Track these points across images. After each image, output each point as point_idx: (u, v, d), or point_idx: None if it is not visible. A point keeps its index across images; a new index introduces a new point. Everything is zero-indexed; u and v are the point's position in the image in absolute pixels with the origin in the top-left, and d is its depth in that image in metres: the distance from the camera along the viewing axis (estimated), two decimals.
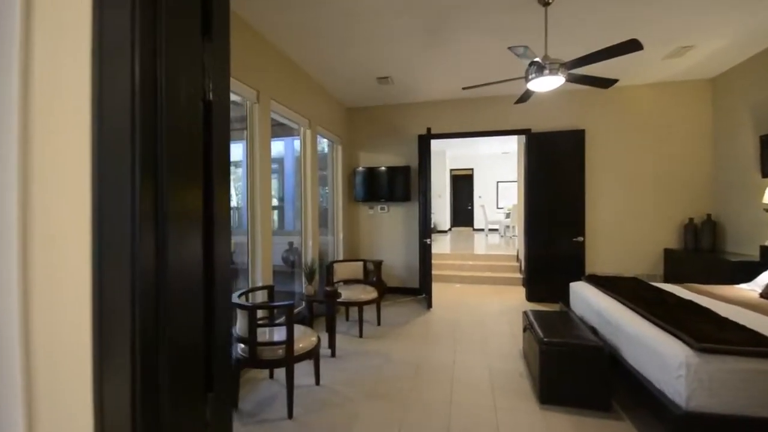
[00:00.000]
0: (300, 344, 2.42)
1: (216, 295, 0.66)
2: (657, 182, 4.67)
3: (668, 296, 2.76)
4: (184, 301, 0.59)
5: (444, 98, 5.23)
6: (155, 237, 0.54)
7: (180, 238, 0.58)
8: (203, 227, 0.63)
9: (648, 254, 4.71)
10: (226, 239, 0.68)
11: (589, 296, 3.04)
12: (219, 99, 0.63)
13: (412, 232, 5.45)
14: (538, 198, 4.83)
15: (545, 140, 4.81)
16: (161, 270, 0.54)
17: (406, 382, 2.76)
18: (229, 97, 0.67)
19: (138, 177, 0.51)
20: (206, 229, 0.64)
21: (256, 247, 3.30)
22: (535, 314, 2.97)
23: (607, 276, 3.57)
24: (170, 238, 0.56)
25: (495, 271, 6.26)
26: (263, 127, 3.34)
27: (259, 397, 2.57)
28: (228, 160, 0.68)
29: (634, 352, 2.26)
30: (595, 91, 4.73)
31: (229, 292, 0.73)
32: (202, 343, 0.64)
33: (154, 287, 0.54)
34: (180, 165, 0.57)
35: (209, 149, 0.62)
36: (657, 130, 4.66)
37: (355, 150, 5.68)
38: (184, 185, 0.58)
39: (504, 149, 10.83)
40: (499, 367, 2.98)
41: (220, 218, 0.66)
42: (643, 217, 4.71)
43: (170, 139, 0.55)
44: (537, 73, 2.60)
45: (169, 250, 0.55)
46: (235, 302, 2.37)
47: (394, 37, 3.36)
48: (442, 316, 4.36)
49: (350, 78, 4.41)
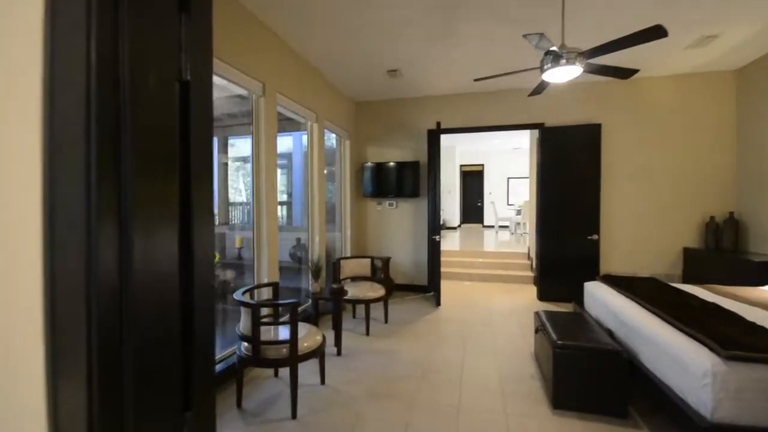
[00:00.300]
0: (305, 343, 2.36)
1: (196, 297, 0.59)
2: (676, 179, 4.49)
3: (690, 298, 2.63)
4: (154, 304, 0.52)
5: (454, 92, 5.10)
6: (118, 232, 0.47)
7: (149, 233, 0.51)
8: (180, 221, 0.56)
9: (666, 253, 4.54)
10: (208, 234, 0.61)
11: (605, 297, 2.92)
12: (198, 79, 0.56)
13: (420, 228, 5.36)
14: (551, 194, 4.68)
15: (559, 135, 4.66)
16: (125, 268, 0.47)
17: (413, 382, 2.68)
18: (211, 78, 0.59)
19: (94, 166, 0.43)
20: (184, 224, 0.56)
21: (262, 243, 3.25)
22: (547, 315, 2.86)
23: (624, 276, 3.43)
24: (137, 233, 0.48)
25: (505, 269, 6.13)
26: (269, 121, 3.28)
27: (263, 396, 2.52)
28: (210, 145, 0.61)
29: (654, 357, 2.15)
30: (612, 83, 4.56)
31: (212, 292, 0.66)
32: (179, 353, 0.56)
33: (117, 287, 0.47)
34: (149, 152, 0.50)
35: (186, 134, 0.54)
36: (677, 125, 4.47)
37: (363, 145, 5.59)
38: (154, 175, 0.51)
39: (515, 145, 10.62)
40: (510, 368, 2.89)
41: (201, 211, 0.58)
42: (661, 214, 4.54)
43: (136, 123, 0.47)
44: (553, 62, 2.47)
45: (135, 247, 0.48)
46: (238, 299, 2.32)
47: (404, 27, 3.25)
48: (450, 315, 4.28)
49: (359, 71, 4.32)
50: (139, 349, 0.50)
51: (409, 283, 5.41)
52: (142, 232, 0.50)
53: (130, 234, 0.47)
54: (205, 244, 0.61)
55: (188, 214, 0.56)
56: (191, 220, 0.57)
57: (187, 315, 0.58)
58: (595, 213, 4.56)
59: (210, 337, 0.65)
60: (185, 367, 0.58)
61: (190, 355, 0.59)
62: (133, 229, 0.48)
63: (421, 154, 5.30)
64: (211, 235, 0.64)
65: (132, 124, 0.46)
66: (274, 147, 3.36)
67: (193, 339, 0.59)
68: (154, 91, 0.50)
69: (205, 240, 0.61)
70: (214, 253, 0.66)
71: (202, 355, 0.61)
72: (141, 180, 0.49)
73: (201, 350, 0.61)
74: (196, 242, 0.58)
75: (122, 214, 0.46)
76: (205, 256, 0.61)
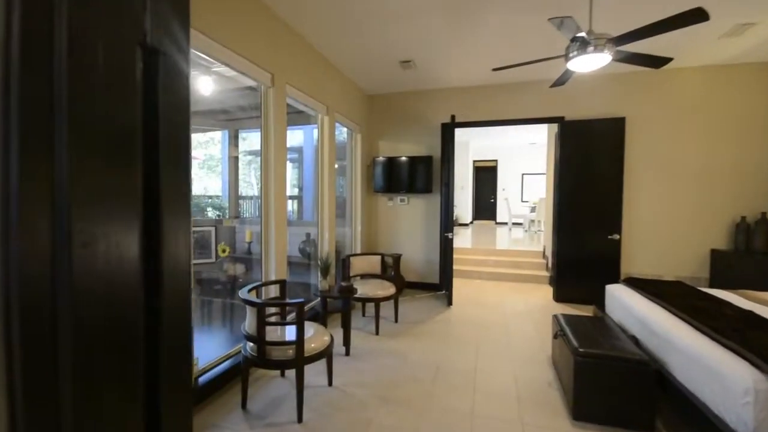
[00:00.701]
0: (312, 344, 2.27)
1: (164, 306, 0.48)
2: (705, 176, 4.24)
3: (723, 305, 2.45)
4: (106, 317, 0.42)
5: (470, 84, 4.91)
6: (50, 229, 0.36)
7: (98, 229, 0.40)
8: (143, 216, 0.45)
9: (692, 255, 4.31)
10: (183, 231, 0.51)
11: (629, 301, 2.75)
12: (170, 47, 0.44)
13: (432, 225, 5.22)
14: (570, 191, 4.49)
15: (580, 129, 4.45)
16: (61, 271, 0.37)
17: (424, 386, 2.57)
18: (188, 45, 0.48)
19: (15, 149, 0.32)
20: (150, 219, 0.46)
21: (270, 238, 3.16)
22: (567, 319, 2.71)
23: (650, 279, 3.24)
24: (79, 229, 0.38)
25: (519, 267, 5.96)
26: (278, 113, 3.17)
27: (268, 397, 2.44)
28: (186, 126, 0.50)
29: (686, 369, 1.99)
30: (638, 75, 4.32)
31: (187, 296, 0.55)
32: (141, 376, 0.46)
33: (48, 295, 0.36)
34: (97, 133, 0.39)
35: (153, 112, 0.43)
36: (707, 119, 4.22)
37: (374, 139, 5.46)
38: (104, 161, 0.40)
39: (531, 139, 10.35)
40: (526, 374, 2.75)
41: (173, 206, 0.47)
42: (687, 214, 4.30)
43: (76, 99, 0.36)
44: (580, 50, 2.30)
45: (74, 245, 0.38)
46: (244, 298, 2.24)
47: (419, 14, 3.10)
48: (463, 315, 4.14)
49: (371, 62, 4.18)
50: (86, 377, 0.39)
51: (420, 281, 5.29)
52: (88, 229, 0.39)
53: (69, 231, 0.37)
54: (178, 242, 0.50)
55: (156, 209, 0.46)
56: (160, 215, 0.46)
57: (153, 328, 0.48)
58: (616, 211, 4.35)
59: (184, 349, 0.55)
60: (150, 396, 0.48)
61: (157, 380, 0.48)
62: (74, 225, 0.37)
63: (434, 149, 5.15)
64: (187, 232, 0.53)
65: (70, 98, 0.36)
66: (283, 140, 3.26)
67: (160, 350, 0.49)
68: (106, 59, 0.39)
69: (179, 238, 0.50)
70: (190, 252, 0.55)
71: (173, 369, 0.50)
72: (84, 166, 0.38)
73: (172, 363, 0.50)
74: (165, 240, 0.48)
75: (57, 207, 0.36)
76: (179, 256, 0.50)
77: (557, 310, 4.32)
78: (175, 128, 0.47)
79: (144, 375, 0.48)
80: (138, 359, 0.48)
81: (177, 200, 0.49)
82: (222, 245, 4.40)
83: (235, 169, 5.96)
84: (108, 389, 0.43)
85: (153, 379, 0.50)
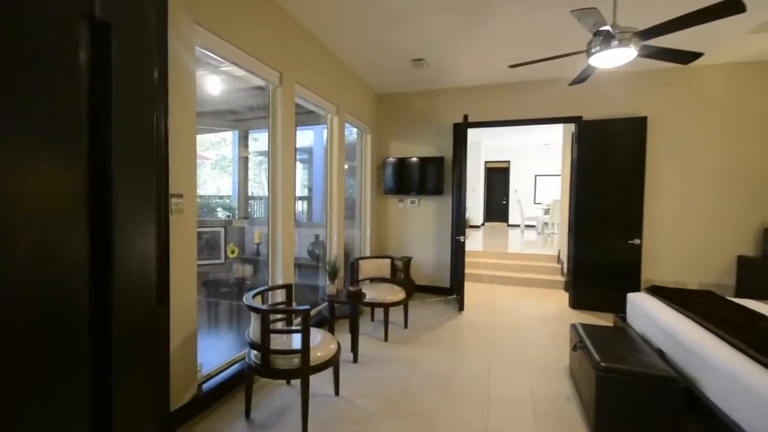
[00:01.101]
0: (318, 353, 2.18)
1: (114, 327, 0.40)
2: (731, 179, 4.03)
3: (757, 318, 2.28)
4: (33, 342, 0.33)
5: (483, 83, 4.78)
6: None
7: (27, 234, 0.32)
8: (90, 219, 0.36)
9: (717, 262, 4.11)
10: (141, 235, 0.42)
11: (654, 311, 2.60)
12: (126, 18, 0.35)
13: (443, 227, 5.09)
14: (588, 194, 4.32)
15: (599, 129, 4.28)
16: None
17: (435, 398, 2.46)
18: (150, 16, 0.39)
19: None
20: (101, 223, 0.37)
21: (277, 240, 3.09)
22: (586, 330, 2.56)
23: (677, 288, 3.07)
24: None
25: (533, 272, 5.79)
26: (286, 113, 3.10)
27: (273, 406, 2.36)
28: (150, 117, 0.41)
29: (719, 388, 1.84)
30: (660, 72, 4.14)
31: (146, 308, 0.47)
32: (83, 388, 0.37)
33: None
34: (28, 118, 0.30)
35: (107, 99, 0.34)
36: (734, 119, 4.01)
37: (385, 139, 5.36)
38: (36, 155, 0.32)
39: (545, 140, 10.13)
40: (542, 386, 2.62)
41: (127, 205, 0.39)
42: (713, 218, 4.10)
43: None
44: (603, 44, 2.17)
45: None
46: (248, 304, 2.16)
47: (432, 10, 2.99)
48: (474, 321, 4.01)
49: (382, 61, 4.09)
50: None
51: (431, 285, 5.17)
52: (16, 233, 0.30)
53: None
54: (134, 248, 0.41)
55: (107, 210, 0.37)
56: (112, 218, 0.37)
57: (104, 349, 0.39)
58: (637, 215, 4.17)
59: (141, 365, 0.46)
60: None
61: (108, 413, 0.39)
62: None
63: (445, 150, 5.03)
64: (148, 236, 0.44)
65: None
66: (291, 140, 3.19)
67: (112, 396, 0.40)
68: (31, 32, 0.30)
69: (136, 243, 0.41)
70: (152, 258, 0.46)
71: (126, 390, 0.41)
72: (10, 159, 0.29)
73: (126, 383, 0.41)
74: (118, 247, 0.39)
75: None
76: (134, 266, 0.42)
77: (573, 317, 4.15)
78: (135, 114, 0.38)
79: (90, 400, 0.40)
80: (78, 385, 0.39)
81: (137, 201, 0.40)
82: (231, 246, 4.36)
83: (245, 169, 5.93)
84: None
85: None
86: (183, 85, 2.10)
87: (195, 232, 2.25)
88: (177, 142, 2.05)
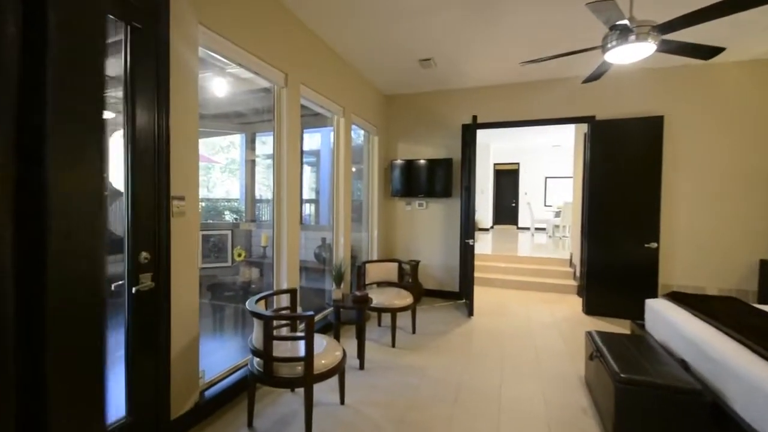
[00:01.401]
0: (322, 360, 2.11)
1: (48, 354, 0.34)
2: (753, 180, 3.87)
3: None
4: None
5: (492, 83, 4.69)
6: None
7: None
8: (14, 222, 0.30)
9: (738, 266, 3.94)
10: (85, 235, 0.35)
11: (675, 319, 2.47)
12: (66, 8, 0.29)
13: (452, 230, 5.00)
14: (602, 196, 4.19)
15: (612, 129, 4.15)
16: None
17: (445, 408, 2.37)
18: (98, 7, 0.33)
19: None
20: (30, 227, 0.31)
21: (282, 244, 3.03)
22: (603, 338, 2.45)
23: (698, 294, 2.93)
24: None
25: (544, 276, 5.65)
26: (292, 114, 3.05)
27: (276, 414, 2.30)
28: (101, 100, 0.34)
29: (748, 402, 1.72)
30: (677, 70, 4.00)
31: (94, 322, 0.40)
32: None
33: None
34: None
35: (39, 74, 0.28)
36: (755, 118, 3.85)
37: (392, 141, 5.29)
38: None
39: (555, 141, 9.96)
40: (557, 397, 2.51)
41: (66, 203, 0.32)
42: (733, 221, 3.94)
43: None
44: (620, 39, 2.07)
45: None
46: (251, 310, 2.10)
47: (440, 9, 2.92)
48: (485, 326, 3.91)
49: (389, 61, 4.02)
50: None
51: (439, 289, 5.07)
52: None
53: None
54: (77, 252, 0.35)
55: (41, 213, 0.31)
56: (44, 221, 0.31)
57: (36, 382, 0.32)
58: (654, 218, 4.02)
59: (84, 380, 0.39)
60: None
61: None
62: None
63: (454, 151, 4.94)
64: (99, 244, 0.38)
65: None
66: (296, 142, 3.14)
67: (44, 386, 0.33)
68: None
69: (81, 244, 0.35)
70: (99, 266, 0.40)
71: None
72: None
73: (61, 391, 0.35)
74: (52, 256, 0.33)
75: None
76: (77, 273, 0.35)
77: (587, 322, 4.02)
78: (74, 92, 0.31)
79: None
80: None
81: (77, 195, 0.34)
82: (238, 249, 4.32)
83: (252, 172, 5.92)
84: None
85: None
86: (185, 87, 2.05)
87: (198, 235, 2.20)
88: (178, 143, 2.01)
